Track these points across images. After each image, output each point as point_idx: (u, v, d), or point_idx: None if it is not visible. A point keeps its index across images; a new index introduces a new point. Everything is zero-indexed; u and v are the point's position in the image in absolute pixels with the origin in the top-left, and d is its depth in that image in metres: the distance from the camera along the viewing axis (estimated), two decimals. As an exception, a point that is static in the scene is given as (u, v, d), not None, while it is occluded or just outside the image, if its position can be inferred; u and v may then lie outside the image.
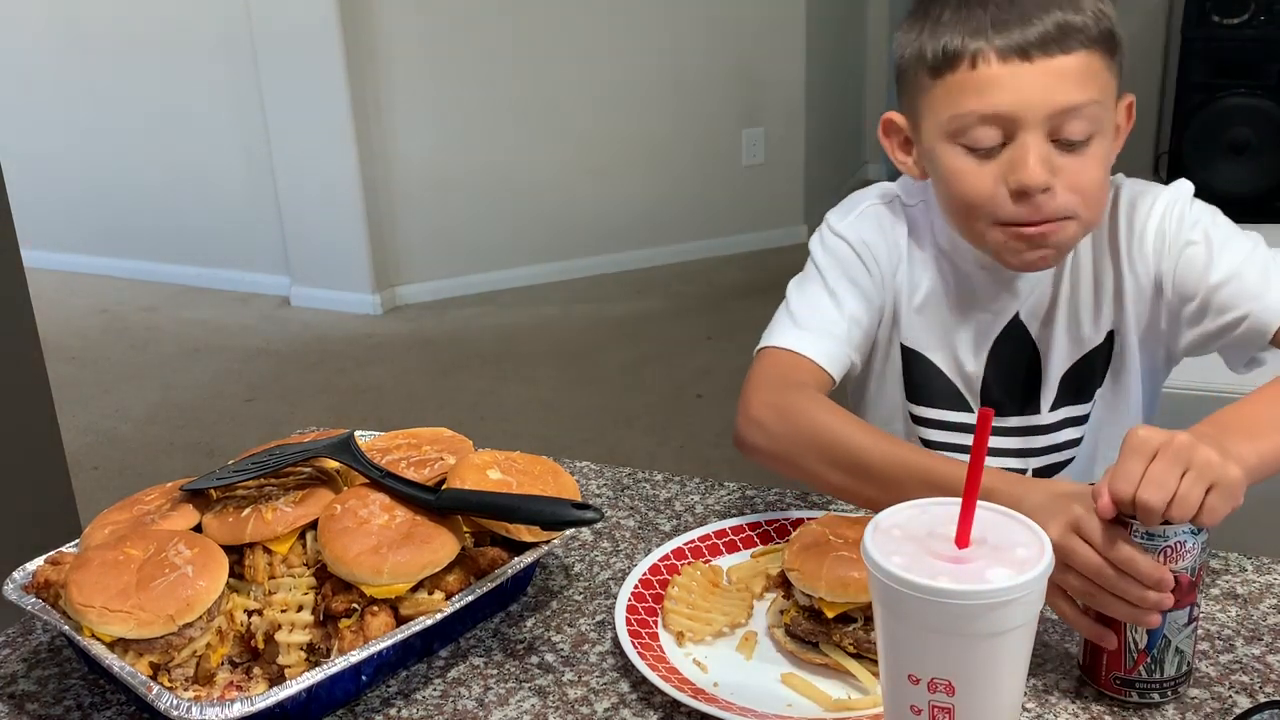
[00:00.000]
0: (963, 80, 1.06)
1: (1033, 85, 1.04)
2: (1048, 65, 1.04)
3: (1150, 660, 0.87)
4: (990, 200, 1.08)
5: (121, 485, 3.03)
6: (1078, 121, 1.06)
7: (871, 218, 1.26)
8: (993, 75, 1.05)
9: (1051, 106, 1.04)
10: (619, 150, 4.53)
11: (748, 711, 0.88)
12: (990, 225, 1.10)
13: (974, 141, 1.07)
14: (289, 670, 0.91)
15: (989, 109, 1.05)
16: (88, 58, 4.56)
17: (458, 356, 3.95)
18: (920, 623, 0.72)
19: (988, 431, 0.76)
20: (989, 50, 1.04)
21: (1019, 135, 1.06)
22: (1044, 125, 1.05)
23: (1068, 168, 1.07)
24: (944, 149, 1.10)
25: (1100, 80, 1.07)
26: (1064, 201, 1.07)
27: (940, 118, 1.09)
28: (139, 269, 4.77)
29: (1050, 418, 1.24)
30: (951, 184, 1.11)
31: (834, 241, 1.26)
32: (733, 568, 1.07)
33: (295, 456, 1.03)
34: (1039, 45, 1.03)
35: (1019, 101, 1.04)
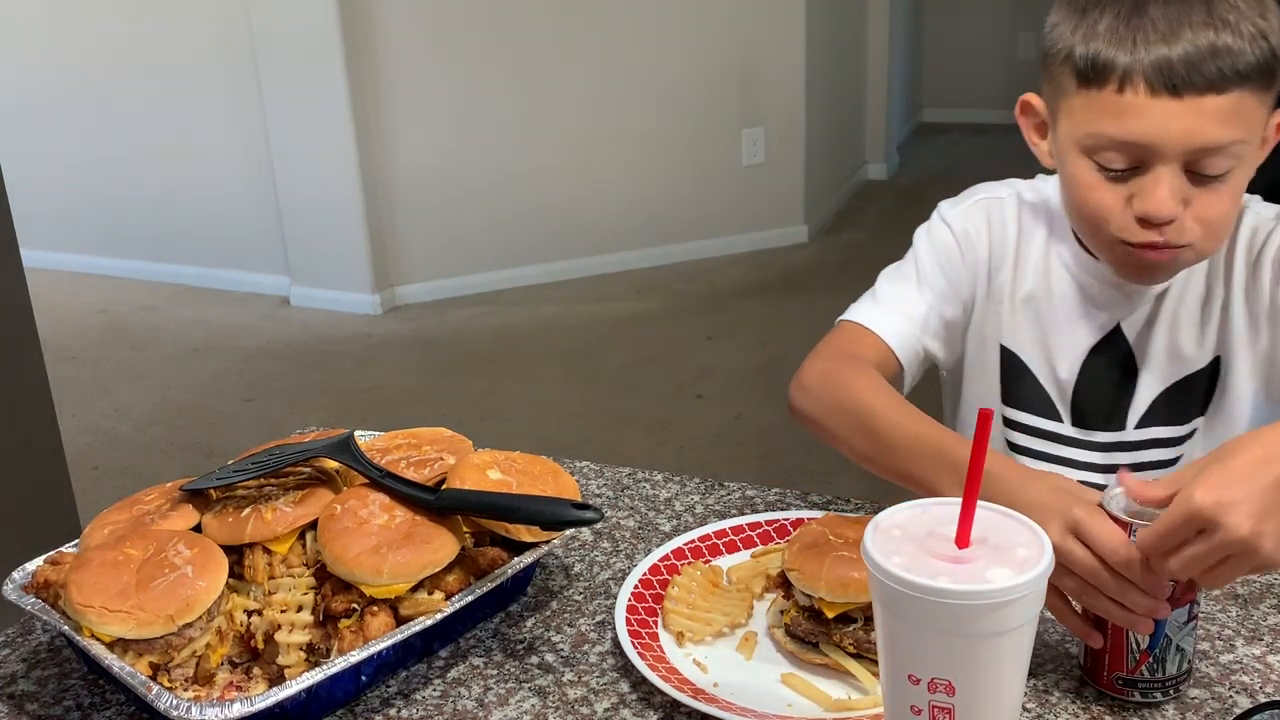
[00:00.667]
0: (1107, 101, 1.03)
1: (1176, 122, 1.00)
2: (1197, 104, 0.99)
3: (1153, 660, 0.87)
4: (1115, 219, 1.07)
5: (121, 485, 3.03)
6: (1218, 159, 1.02)
7: (982, 210, 1.25)
8: (1136, 104, 1.01)
9: (1192, 144, 1.01)
10: (619, 150, 4.53)
11: (748, 712, 0.88)
12: (1112, 241, 1.09)
13: (1107, 162, 1.05)
14: (289, 670, 0.91)
15: (1126, 136, 1.02)
16: (88, 59, 4.56)
17: (458, 356, 3.95)
18: (920, 623, 0.71)
19: (987, 432, 0.76)
20: (1138, 78, 1.00)
21: (1154, 165, 1.03)
22: (1181, 159, 1.02)
23: (1198, 200, 1.04)
24: (1076, 158, 1.08)
25: (1249, 116, 1.02)
26: (1186, 230, 1.05)
27: (1077, 128, 1.06)
28: (139, 269, 4.77)
29: (1135, 435, 1.22)
30: (1078, 194, 1.09)
31: (938, 227, 1.25)
32: (733, 568, 1.07)
33: (295, 456, 1.03)
34: (1189, 79, 0.99)
35: (1159, 135, 1.01)
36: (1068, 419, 1.24)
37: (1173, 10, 1.00)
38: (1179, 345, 1.18)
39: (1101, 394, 1.22)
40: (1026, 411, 1.25)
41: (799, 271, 4.50)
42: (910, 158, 6.02)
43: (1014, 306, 1.23)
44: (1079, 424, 1.23)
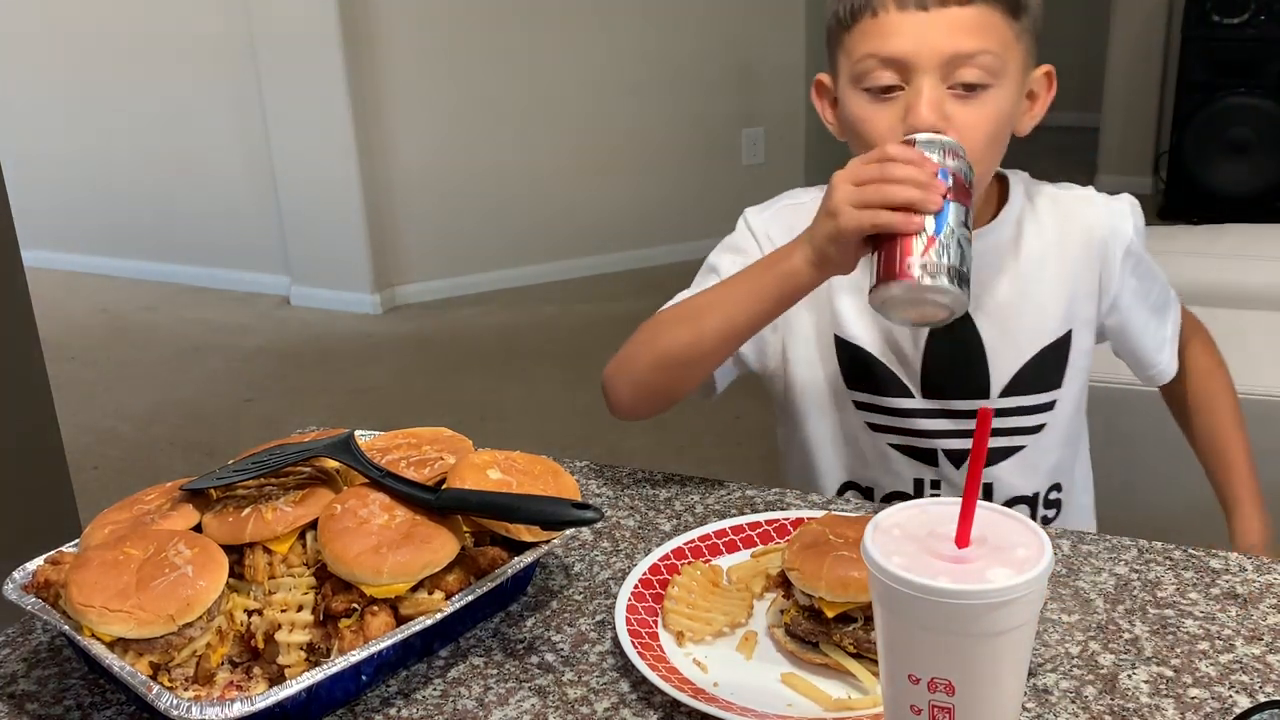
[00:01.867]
0: (866, 28, 1.13)
1: (927, 31, 1.10)
2: (942, 14, 1.10)
3: (938, 244, 0.98)
4: (886, 141, 1.10)
5: (121, 485, 3.03)
6: (971, 69, 1.10)
7: (786, 214, 1.29)
8: (892, 21, 1.11)
9: (944, 52, 1.10)
10: (619, 150, 4.53)
11: (748, 711, 0.88)
12: None
13: (874, 82, 1.13)
14: (289, 670, 0.91)
15: (887, 51, 1.12)
16: (88, 58, 4.56)
17: (458, 356, 3.95)
18: (920, 623, 0.71)
19: (987, 431, 0.76)
20: (889, 1, 1.11)
21: (914, 80, 1.11)
22: (938, 71, 1.10)
23: (958, 115, 1.11)
24: (850, 95, 1.17)
25: (998, 34, 1.12)
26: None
27: (848, 66, 1.16)
28: (139, 269, 4.78)
29: (1000, 403, 1.26)
30: (855, 129, 1.17)
31: (741, 234, 1.32)
32: (733, 568, 1.07)
33: (295, 456, 1.03)
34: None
35: (913, 45, 1.10)
36: (918, 393, 1.27)
37: None
38: (1034, 318, 1.25)
39: (953, 364, 1.25)
40: (876, 394, 1.28)
41: (799, 271, 4.50)
42: (910, 158, 6.01)
43: (840, 298, 1.27)
44: (932, 396, 1.26)
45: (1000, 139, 1.16)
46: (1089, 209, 1.28)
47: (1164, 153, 4.97)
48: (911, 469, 1.29)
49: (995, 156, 1.18)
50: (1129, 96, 5.15)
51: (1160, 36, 5.04)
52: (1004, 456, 1.28)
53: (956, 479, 1.28)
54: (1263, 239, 2.14)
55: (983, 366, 1.25)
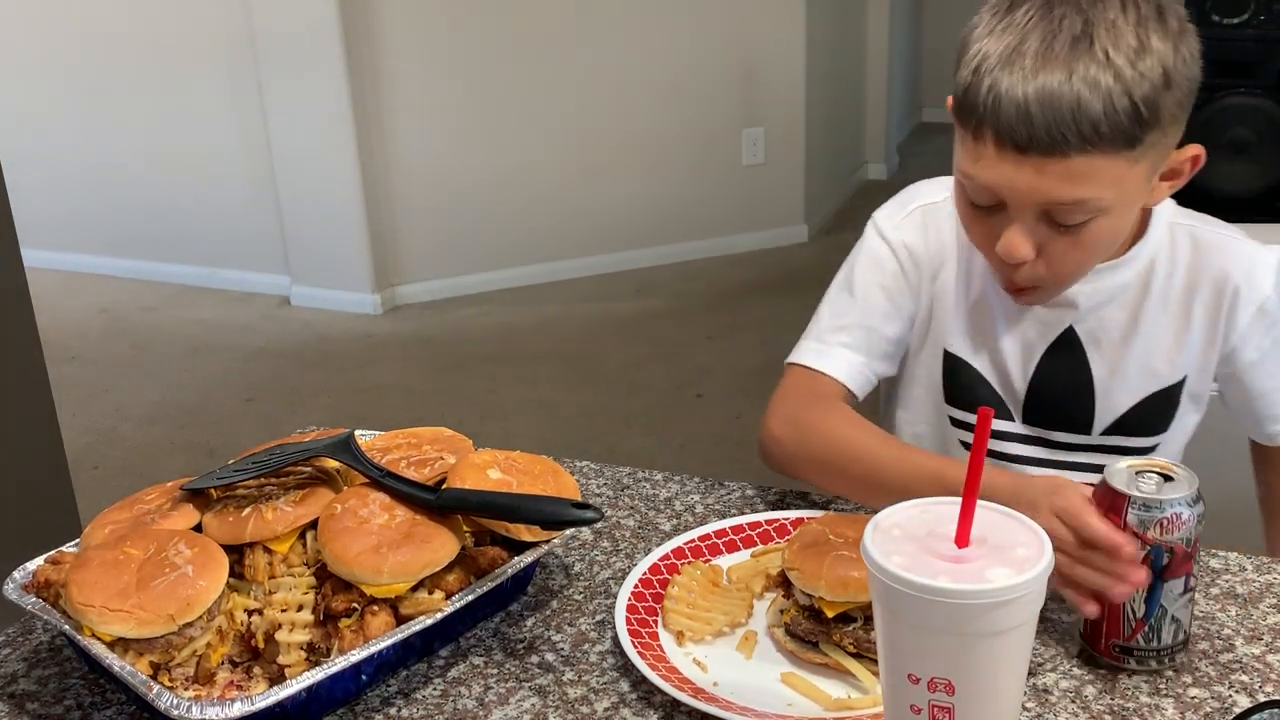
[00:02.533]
0: (968, 141, 1.05)
1: (1020, 178, 1.01)
2: (1041, 164, 1.00)
3: (1148, 629, 0.89)
4: (984, 250, 1.11)
5: (121, 485, 3.03)
6: (1072, 212, 1.03)
7: (918, 219, 1.25)
8: (988, 154, 1.02)
9: (1038, 201, 1.02)
10: (619, 150, 4.53)
11: (748, 711, 0.88)
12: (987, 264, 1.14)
13: (973, 196, 1.08)
14: (289, 670, 0.91)
15: (982, 180, 1.04)
16: (88, 58, 4.56)
17: (458, 356, 3.95)
18: (920, 622, 0.72)
19: (987, 431, 0.76)
20: (988, 131, 1.01)
21: (1010, 210, 1.05)
22: (1033, 209, 1.04)
23: (1054, 246, 1.06)
24: (958, 179, 1.10)
25: (1106, 176, 1.01)
26: (1039, 273, 1.08)
27: (956, 154, 1.09)
28: (139, 269, 4.77)
29: (1100, 440, 1.23)
30: (959, 213, 1.14)
31: (875, 244, 1.25)
32: (733, 567, 1.07)
33: (295, 456, 1.03)
34: (1033, 144, 0.99)
35: (1007, 189, 1.03)
36: (1018, 418, 1.24)
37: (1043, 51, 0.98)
38: (1149, 360, 1.20)
39: (1058, 395, 1.22)
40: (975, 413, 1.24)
41: (799, 271, 4.50)
42: (910, 158, 6.02)
43: (958, 311, 1.24)
44: (1032, 423, 1.24)
45: (1106, 250, 1.12)
46: (1227, 254, 1.18)
47: (1164, 153, 4.97)
48: None
49: (1095, 262, 1.13)
50: (1129, 96, 5.15)
51: (1160, 36, 5.03)
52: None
53: None
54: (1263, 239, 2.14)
55: (1089, 402, 1.21)
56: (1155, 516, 0.86)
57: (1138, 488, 0.87)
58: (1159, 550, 0.87)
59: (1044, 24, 1.00)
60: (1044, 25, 0.99)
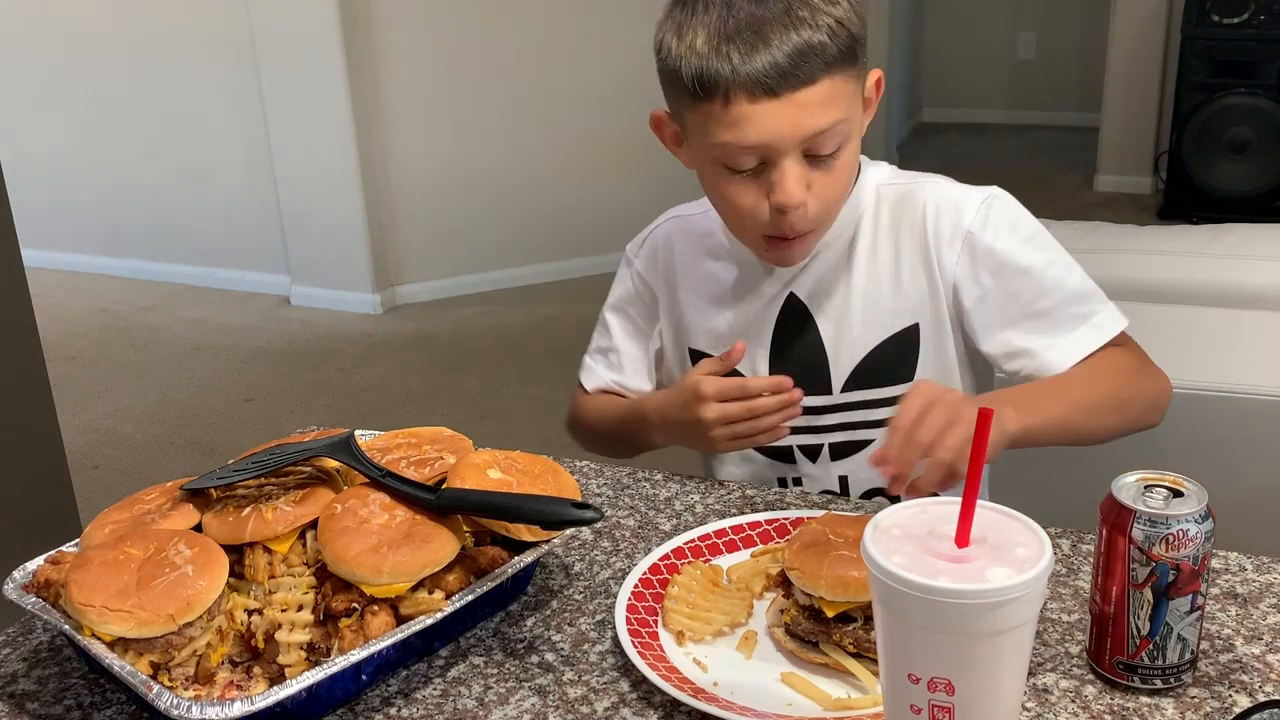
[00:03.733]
0: (717, 114, 1.11)
1: (782, 119, 1.10)
2: (794, 99, 1.09)
3: (1153, 646, 0.87)
4: (753, 214, 1.17)
5: (121, 485, 3.03)
6: (828, 139, 1.12)
7: (650, 247, 1.40)
8: (744, 112, 1.10)
9: (802, 134, 1.11)
10: (619, 150, 4.53)
11: (748, 711, 0.88)
12: (755, 238, 1.21)
13: (736, 165, 1.14)
14: (289, 669, 0.91)
15: (746, 141, 1.11)
16: (88, 58, 4.56)
17: (458, 356, 3.95)
18: (920, 622, 0.72)
19: (987, 431, 0.76)
20: (738, 89, 1.09)
21: (777, 160, 1.12)
22: (797, 150, 1.12)
23: (818, 182, 1.15)
24: (709, 168, 1.18)
25: (845, 95, 1.13)
26: (812, 216, 1.16)
27: (704, 139, 1.15)
28: (139, 269, 4.78)
29: (843, 398, 1.28)
30: (718, 197, 1.21)
31: (623, 270, 1.42)
32: (732, 567, 1.07)
33: (295, 456, 1.03)
34: (782, 80, 1.08)
35: (772, 135, 1.11)
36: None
37: (756, 21, 1.09)
38: (871, 313, 1.26)
39: (795, 362, 1.28)
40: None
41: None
42: (910, 157, 6.01)
43: (694, 312, 1.35)
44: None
45: (853, 178, 1.22)
46: (924, 195, 1.25)
47: (1164, 152, 4.96)
48: (773, 469, 1.33)
49: (848, 192, 1.23)
50: (1129, 96, 5.15)
51: (1160, 36, 5.04)
52: (854, 450, 1.29)
53: (815, 473, 1.30)
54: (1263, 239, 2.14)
55: (823, 364, 1.27)
56: (1161, 533, 0.84)
57: (1144, 503, 0.85)
58: (1164, 567, 0.84)
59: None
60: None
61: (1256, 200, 4.63)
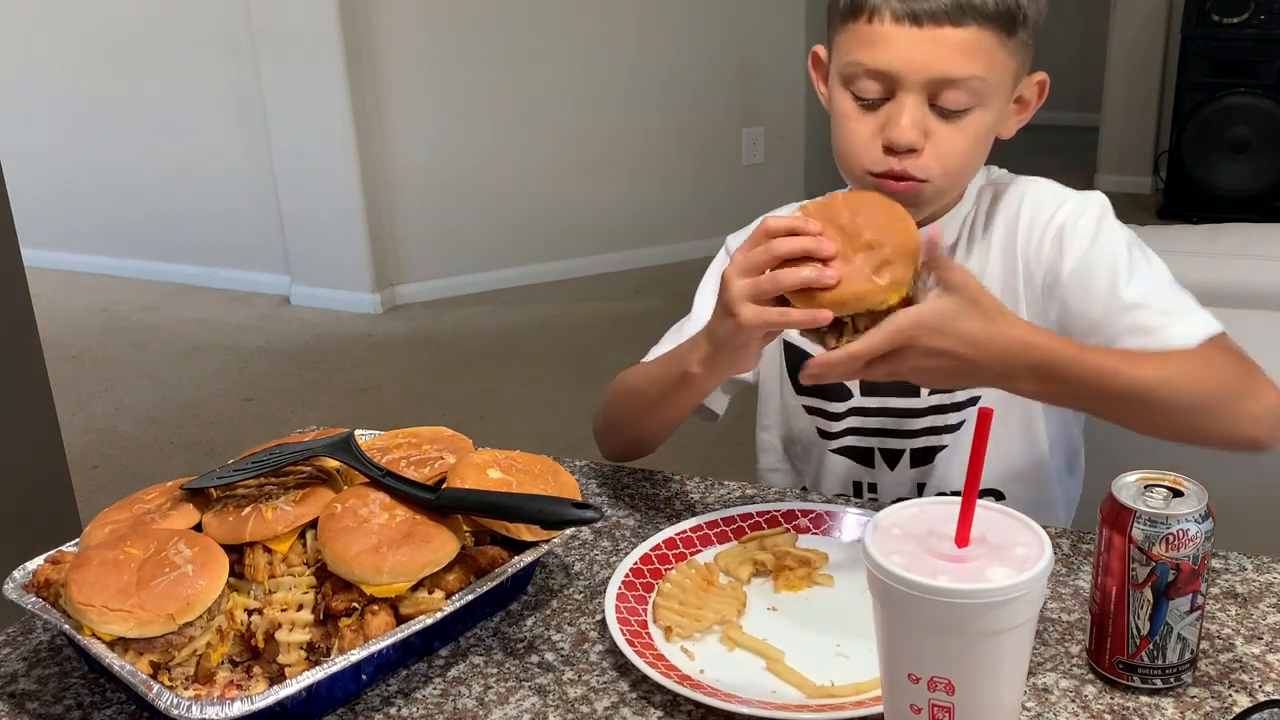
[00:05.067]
0: (860, 31, 1.11)
1: (917, 50, 1.08)
2: (936, 34, 1.07)
3: (1153, 646, 0.87)
4: (865, 149, 1.13)
5: (121, 485, 3.03)
6: (957, 92, 1.09)
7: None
8: (884, 33, 1.09)
9: (931, 72, 1.08)
10: (619, 150, 4.53)
11: (733, 698, 0.89)
12: (862, 175, 1.15)
13: (860, 90, 1.12)
14: (289, 669, 0.91)
15: (875, 64, 1.10)
16: (88, 58, 4.56)
17: (458, 356, 3.95)
18: (920, 622, 0.72)
19: (987, 430, 0.76)
20: (885, 9, 1.09)
21: (899, 94, 1.10)
22: (924, 89, 1.09)
23: (939, 134, 1.11)
24: (838, 91, 1.16)
25: (989, 56, 1.09)
26: (926, 163, 1.11)
27: (840, 59, 1.15)
28: (139, 269, 4.78)
29: (932, 400, 1.25)
30: (839, 126, 1.17)
31: (720, 261, 1.36)
32: (720, 554, 1.08)
33: (295, 456, 1.03)
34: (930, 14, 1.07)
35: (902, 62, 1.09)
36: (857, 390, 1.27)
37: None
38: None
39: None
40: (820, 398, 1.29)
41: (799, 271, 4.50)
42: (910, 157, 6.02)
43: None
44: (869, 394, 1.27)
45: (980, 153, 1.16)
46: (1020, 194, 1.21)
47: (1164, 152, 4.96)
48: (849, 471, 1.30)
49: (973, 168, 1.18)
50: (1129, 96, 5.15)
51: (1160, 36, 5.04)
52: (932, 456, 1.26)
53: (891, 481, 1.28)
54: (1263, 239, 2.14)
55: None
56: (1161, 532, 0.84)
57: (1144, 502, 0.85)
58: (1164, 567, 0.84)
59: None
60: None
61: (1256, 200, 4.63)
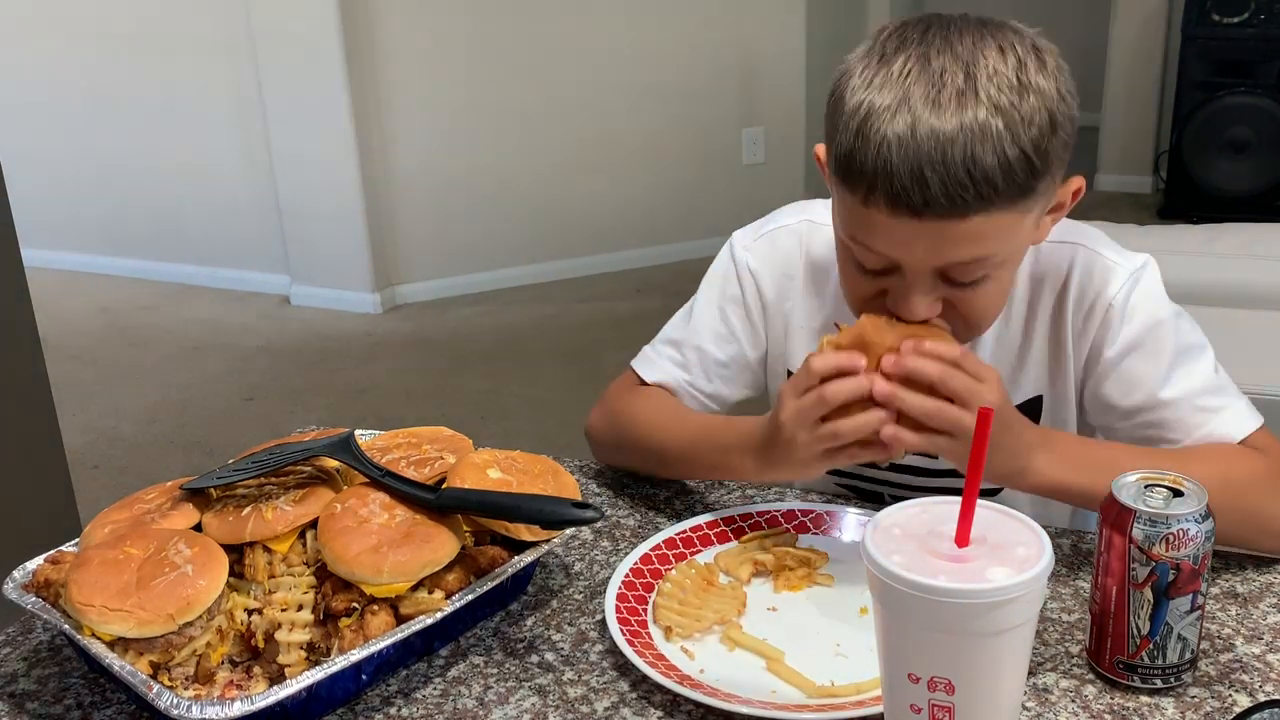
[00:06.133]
0: (856, 208, 0.98)
1: (919, 243, 0.96)
2: (938, 227, 0.94)
3: (1153, 646, 0.87)
4: (871, 303, 1.04)
5: (121, 485, 3.03)
6: (968, 270, 0.99)
7: (769, 242, 1.25)
8: (881, 222, 0.96)
9: (936, 263, 0.98)
10: (619, 150, 4.53)
11: (733, 698, 0.89)
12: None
13: (862, 259, 1.02)
14: (289, 669, 0.91)
15: (875, 247, 0.99)
16: (88, 58, 4.56)
17: (458, 356, 3.95)
18: (920, 622, 0.72)
19: (987, 431, 0.76)
20: (881, 196, 0.95)
21: (905, 273, 1.00)
22: (931, 273, 0.99)
23: (956, 299, 1.01)
24: (840, 238, 1.05)
25: (1003, 232, 0.97)
26: (955, 329, 1.03)
27: (838, 214, 1.04)
28: (139, 269, 4.78)
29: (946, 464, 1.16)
30: (840, 265, 1.08)
31: (725, 263, 1.27)
32: (720, 554, 1.08)
33: (295, 455, 1.03)
34: (928, 206, 0.93)
35: (902, 254, 0.98)
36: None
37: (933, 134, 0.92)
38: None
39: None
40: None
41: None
42: (910, 157, 6.02)
43: (805, 333, 1.22)
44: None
45: (1007, 294, 1.08)
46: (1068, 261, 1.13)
47: (1164, 152, 4.97)
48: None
49: (1001, 308, 1.09)
50: (1129, 96, 5.15)
51: (1160, 36, 5.04)
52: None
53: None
54: (1263, 239, 2.14)
55: None
56: (1161, 532, 0.84)
57: (1144, 502, 0.85)
58: (1164, 567, 0.84)
59: (925, 77, 0.94)
60: (925, 79, 0.94)
61: (1256, 200, 4.63)
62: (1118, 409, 1.11)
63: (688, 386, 1.25)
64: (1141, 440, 1.11)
